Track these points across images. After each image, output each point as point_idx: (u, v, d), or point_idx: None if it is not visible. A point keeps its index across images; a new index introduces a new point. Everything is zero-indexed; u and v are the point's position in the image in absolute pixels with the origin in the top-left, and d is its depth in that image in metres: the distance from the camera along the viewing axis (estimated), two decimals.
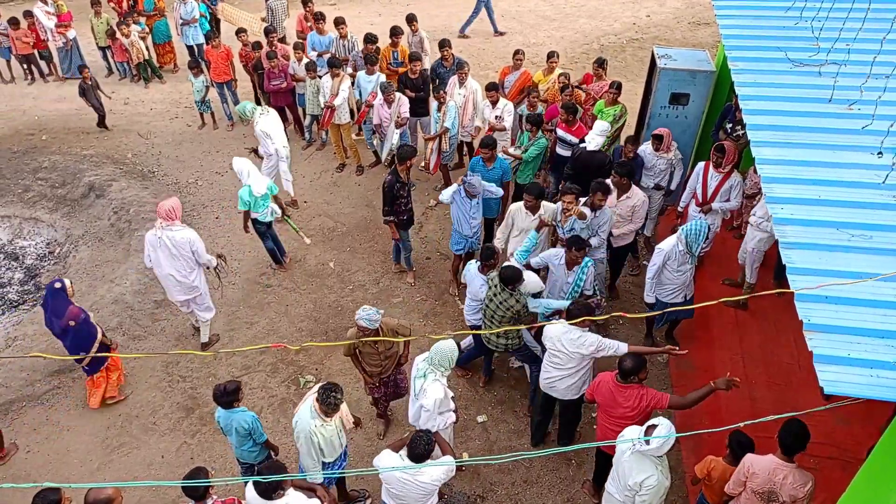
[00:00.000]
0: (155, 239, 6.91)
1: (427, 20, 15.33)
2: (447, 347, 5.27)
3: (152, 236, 6.94)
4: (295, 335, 7.67)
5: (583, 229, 6.79)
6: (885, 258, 3.77)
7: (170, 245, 6.87)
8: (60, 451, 6.51)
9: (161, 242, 6.87)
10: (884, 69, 4.86)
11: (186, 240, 6.93)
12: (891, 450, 3.57)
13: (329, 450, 5.15)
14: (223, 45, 11.15)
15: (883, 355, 3.26)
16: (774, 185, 4.39)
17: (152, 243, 6.94)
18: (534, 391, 6.49)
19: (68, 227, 9.78)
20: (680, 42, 14.01)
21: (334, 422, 5.12)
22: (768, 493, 4.54)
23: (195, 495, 4.61)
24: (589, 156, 7.65)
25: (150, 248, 6.97)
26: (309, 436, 4.99)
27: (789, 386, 6.58)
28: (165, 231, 6.85)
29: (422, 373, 5.34)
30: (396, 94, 9.03)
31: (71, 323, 6.42)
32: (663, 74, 8.17)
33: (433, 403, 5.20)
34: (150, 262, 7.08)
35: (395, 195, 7.56)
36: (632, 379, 5.07)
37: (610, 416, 5.21)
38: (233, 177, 10.20)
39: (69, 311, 6.43)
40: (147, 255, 7.04)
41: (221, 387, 5.29)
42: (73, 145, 11.36)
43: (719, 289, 7.74)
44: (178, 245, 6.89)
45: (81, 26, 13.38)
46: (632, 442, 4.58)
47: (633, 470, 4.61)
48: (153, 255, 6.98)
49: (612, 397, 5.14)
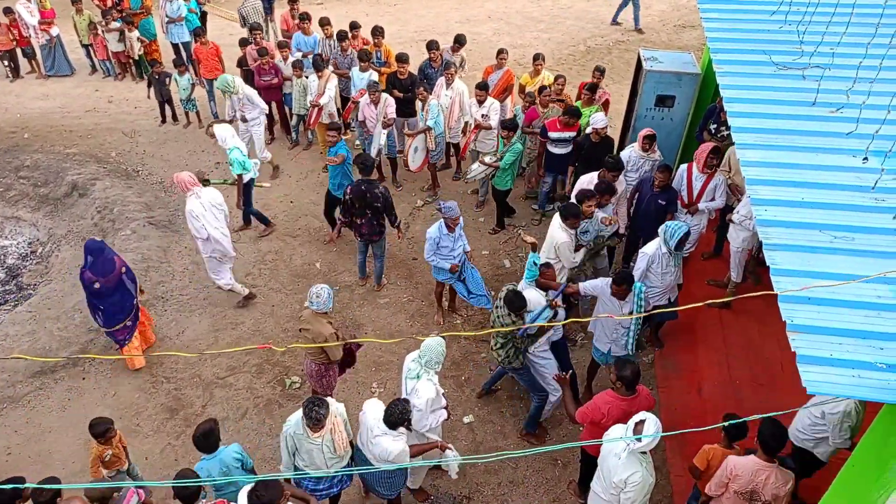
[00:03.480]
0: (201, 207, 7.14)
1: (415, 20, 15.35)
2: (436, 344, 5.26)
3: (198, 206, 7.13)
4: (281, 336, 7.63)
5: (595, 230, 6.96)
6: (866, 260, 3.81)
7: (213, 205, 7.22)
8: (42, 454, 6.43)
9: (207, 206, 7.17)
10: (869, 73, 4.92)
11: (217, 193, 7.39)
12: (872, 448, 3.61)
13: (308, 460, 5.00)
14: (211, 42, 11.09)
15: (865, 356, 3.30)
16: (758, 186, 4.42)
17: (201, 212, 7.13)
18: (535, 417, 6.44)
19: (51, 227, 9.67)
20: (666, 44, 14.11)
21: (322, 439, 4.90)
22: (751, 493, 4.59)
23: (185, 496, 4.57)
24: (593, 146, 7.99)
25: (201, 217, 7.13)
26: (284, 435, 4.99)
27: (773, 386, 6.64)
28: (203, 196, 7.18)
29: (414, 373, 5.31)
30: (383, 95, 9.02)
31: (123, 270, 6.72)
32: (649, 76, 8.22)
33: (425, 403, 5.20)
34: (204, 231, 7.19)
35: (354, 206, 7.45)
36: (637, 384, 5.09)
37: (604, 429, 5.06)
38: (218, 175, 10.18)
39: (116, 260, 6.71)
40: (199, 227, 7.15)
41: (199, 433, 4.91)
42: (56, 143, 11.23)
43: (704, 289, 7.80)
44: (219, 202, 7.32)
45: (64, 24, 13.24)
46: (623, 441, 4.58)
47: (618, 468, 4.62)
48: (205, 221, 7.15)
49: (627, 412, 4.92)
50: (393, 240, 9.06)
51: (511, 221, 9.24)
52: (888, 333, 3.40)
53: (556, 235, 6.69)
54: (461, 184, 10.09)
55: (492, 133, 9.00)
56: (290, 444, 5.00)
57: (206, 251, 7.38)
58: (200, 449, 4.95)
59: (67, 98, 12.77)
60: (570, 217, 6.59)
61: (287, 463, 5.14)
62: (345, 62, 10.12)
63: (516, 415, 6.78)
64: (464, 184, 10.05)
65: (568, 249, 6.68)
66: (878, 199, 4.20)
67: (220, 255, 7.48)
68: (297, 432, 4.91)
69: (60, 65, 13.45)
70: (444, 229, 6.96)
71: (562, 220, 6.64)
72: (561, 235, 6.65)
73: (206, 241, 7.25)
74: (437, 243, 7.02)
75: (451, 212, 6.83)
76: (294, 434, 4.94)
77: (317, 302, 5.78)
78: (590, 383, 6.86)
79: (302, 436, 4.89)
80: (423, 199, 9.70)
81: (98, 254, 6.56)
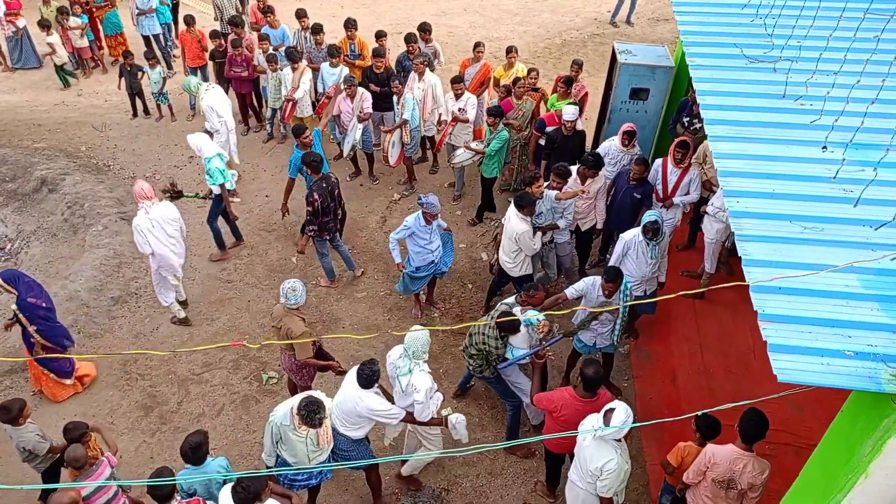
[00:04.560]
0: (148, 222, 6.94)
1: (390, 13, 15.25)
2: (420, 335, 5.27)
3: (145, 221, 6.94)
4: (257, 331, 7.58)
5: (549, 210, 7.06)
6: (835, 249, 3.88)
7: (164, 221, 7.06)
8: (14, 452, 6.30)
9: (155, 223, 6.98)
10: (832, 66, 5.00)
11: (172, 208, 7.25)
12: (841, 432, 3.69)
13: (290, 451, 5.07)
14: (197, 30, 10.91)
15: (833, 344, 3.36)
16: (731, 178, 4.47)
17: (147, 228, 6.94)
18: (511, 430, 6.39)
19: (19, 223, 9.47)
20: (640, 38, 14.18)
21: (307, 432, 4.94)
22: (728, 482, 4.67)
23: (160, 495, 4.51)
24: (565, 138, 8.02)
25: (146, 232, 6.94)
26: (270, 424, 5.07)
27: (747, 375, 6.74)
28: (153, 211, 6.97)
29: (406, 369, 5.29)
30: (359, 89, 8.96)
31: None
32: (623, 70, 8.27)
33: (425, 394, 5.21)
34: (148, 248, 7.02)
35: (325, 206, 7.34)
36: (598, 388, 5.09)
37: (567, 424, 5.08)
38: (192, 170, 10.05)
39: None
40: (143, 242, 6.98)
41: (188, 446, 4.82)
42: (24, 138, 10.98)
43: (678, 280, 7.88)
44: (172, 217, 7.17)
45: (31, 15, 12.92)
46: (593, 432, 4.64)
47: (593, 456, 4.68)
48: (150, 237, 6.96)
49: (581, 414, 4.99)
50: (371, 233, 9.04)
51: (490, 215, 9.25)
52: (856, 322, 3.46)
53: (515, 227, 6.79)
54: (438, 177, 10.08)
55: (467, 127, 8.99)
56: (275, 433, 5.07)
57: (154, 265, 7.26)
58: (188, 461, 4.88)
59: (35, 91, 12.47)
60: (526, 206, 6.72)
61: (269, 450, 5.21)
62: (319, 56, 10.04)
63: (495, 406, 6.81)
64: (441, 177, 10.04)
65: (528, 238, 6.80)
66: (846, 190, 4.28)
67: (167, 272, 7.30)
68: (285, 423, 4.97)
69: (28, 57, 13.11)
70: (422, 221, 6.97)
71: (518, 210, 6.74)
72: (520, 226, 6.75)
73: (151, 256, 7.14)
74: (414, 233, 7.03)
75: (432, 207, 6.86)
76: (281, 424, 5.00)
77: (291, 297, 5.76)
78: (568, 373, 6.91)
79: (288, 427, 4.95)
80: (399, 193, 9.68)
81: (21, 278, 6.40)
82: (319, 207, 7.28)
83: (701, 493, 4.87)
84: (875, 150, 4.48)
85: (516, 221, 6.76)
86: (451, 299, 8.05)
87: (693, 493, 4.98)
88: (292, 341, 5.72)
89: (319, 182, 7.31)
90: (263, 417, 6.63)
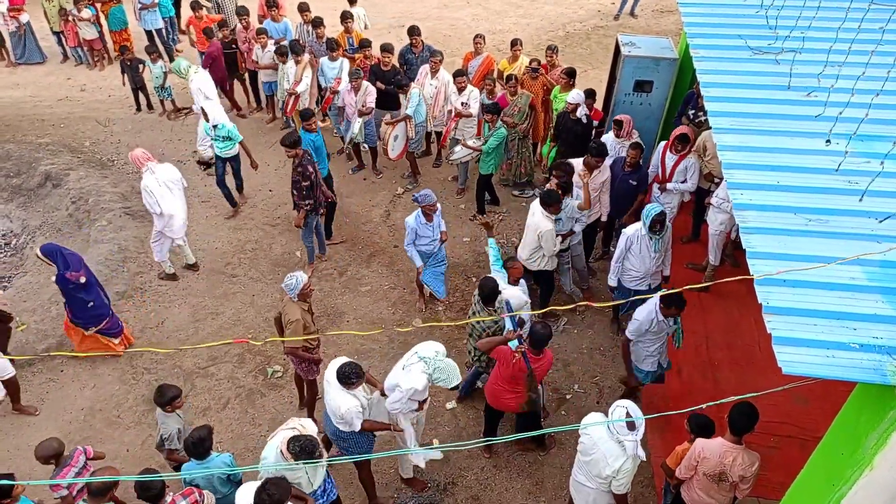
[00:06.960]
0: (155, 182, 7.26)
1: (392, 5, 15.21)
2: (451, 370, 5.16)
3: (152, 181, 7.25)
4: (262, 326, 7.60)
5: (568, 219, 6.98)
6: (840, 242, 3.87)
7: (169, 181, 7.40)
8: (21, 447, 6.36)
9: (162, 183, 7.29)
10: (839, 57, 4.97)
11: (174, 169, 7.56)
12: (846, 426, 3.69)
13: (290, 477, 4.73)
14: (206, 16, 10.93)
15: (838, 336, 3.35)
16: (735, 170, 4.46)
17: (155, 187, 7.26)
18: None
19: (25, 218, 9.50)
20: (644, 30, 14.13)
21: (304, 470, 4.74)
22: (719, 475, 4.68)
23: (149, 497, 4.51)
24: (571, 123, 8.13)
25: (153, 193, 7.26)
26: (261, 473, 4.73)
27: (751, 367, 6.74)
28: (159, 171, 7.30)
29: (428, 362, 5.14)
30: (364, 83, 8.94)
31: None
32: (627, 62, 8.24)
33: (408, 390, 5.05)
34: (158, 207, 7.33)
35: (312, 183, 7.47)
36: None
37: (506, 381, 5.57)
38: (194, 166, 10.07)
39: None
40: (153, 202, 7.28)
41: (192, 439, 4.80)
42: (28, 133, 11.01)
43: (683, 273, 7.87)
44: (175, 178, 7.50)
45: (34, 10, 12.93)
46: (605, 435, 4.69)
47: (608, 458, 4.67)
48: (159, 197, 7.28)
49: (522, 368, 5.38)
50: (375, 227, 9.05)
51: (495, 209, 9.23)
52: (861, 314, 3.46)
53: (539, 223, 6.63)
54: (441, 170, 10.07)
55: (472, 121, 8.97)
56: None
57: (160, 225, 7.57)
58: (191, 455, 4.87)
59: (39, 87, 12.50)
60: (553, 204, 6.57)
61: None
62: (320, 49, 10.02)
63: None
64: (444, 170, 10.03)
65: (552, 238, 6.66)
66: (851, 182, 4.26)
67: (171, 233, 7.67)
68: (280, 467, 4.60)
69: (31, 52, 13.14)
70: (422, 218, 6.94)
71: (544, 208, 6.60)
72: (545, 223, 6.60)
73: (159, 216, 7.44)
74: (416, 232, 7.00)
75: (427, 199, 6.80)
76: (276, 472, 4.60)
77: (289, 285, 5.80)
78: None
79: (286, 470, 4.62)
80: (403, 187, 9.67)
81: (60, 252, 6.51)
82: (313, 183, 7.45)
83: (694, 487, 4.89)
84: (881, 141, 4.46)
85: (541, 218, 6.61)
86: (455, 292, 8.05)
87: (686, 487, 4.99)
88: (285, 338, 5.71)
89: (305, 156, 7.44)
90: (269, 411, 6.69)
